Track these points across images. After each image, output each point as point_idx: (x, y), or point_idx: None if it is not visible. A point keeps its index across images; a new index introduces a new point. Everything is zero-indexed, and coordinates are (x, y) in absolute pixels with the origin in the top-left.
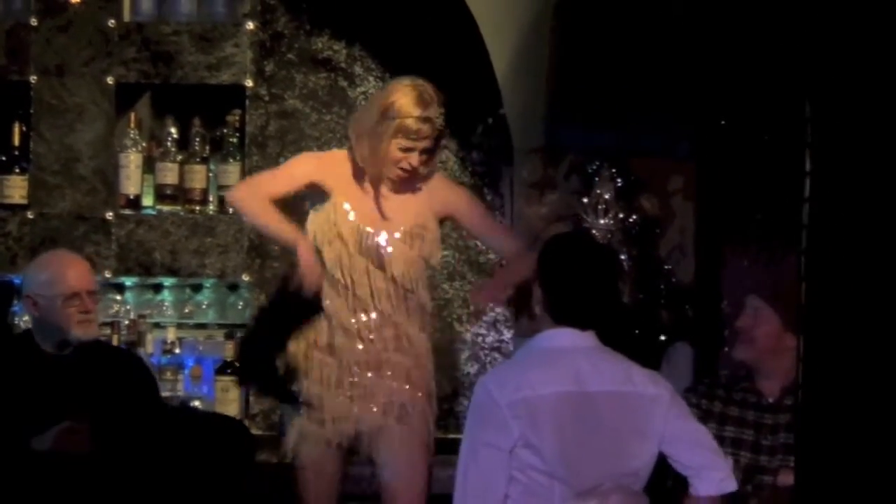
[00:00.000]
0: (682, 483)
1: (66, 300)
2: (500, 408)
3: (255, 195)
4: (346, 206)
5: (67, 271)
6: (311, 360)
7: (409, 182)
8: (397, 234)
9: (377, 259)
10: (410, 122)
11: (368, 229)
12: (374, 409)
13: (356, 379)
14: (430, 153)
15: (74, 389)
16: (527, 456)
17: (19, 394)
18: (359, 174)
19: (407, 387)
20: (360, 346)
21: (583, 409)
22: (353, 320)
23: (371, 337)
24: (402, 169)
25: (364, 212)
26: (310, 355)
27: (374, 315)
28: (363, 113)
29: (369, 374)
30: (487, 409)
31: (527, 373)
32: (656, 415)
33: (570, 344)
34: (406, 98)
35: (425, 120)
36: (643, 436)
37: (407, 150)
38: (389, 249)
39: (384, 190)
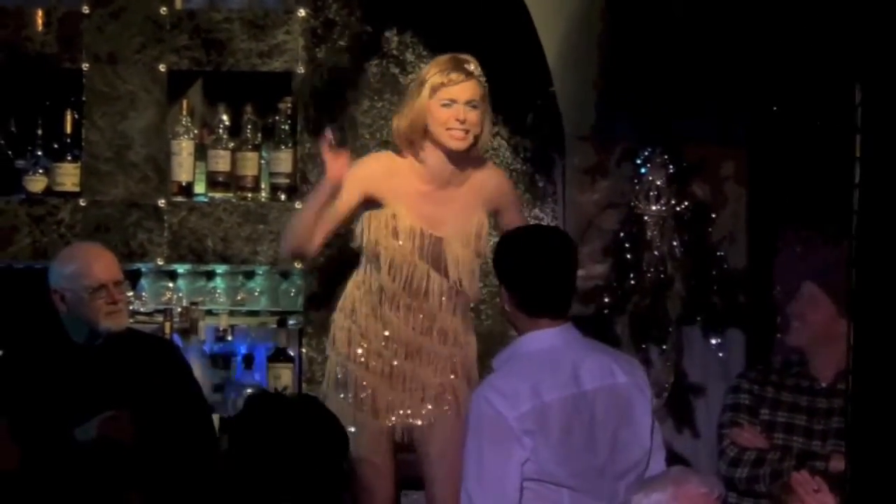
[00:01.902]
0: None
1: (93, 293)
2: (509, 423)
3: (310, 212)
4: (402, 210)
5: (93, 263)
6: (363, 351)
7: (465, 163)
8: (455, 235)
9: (435, 260)
10: (442, 77)
11: (426, 231)
12: (427, 401)
13: (407, 371)
14: (475, 108)
15: (108, 380)
16: (536, 468)
17: (54, 387)
18: (414, 173)
19: (452, 377)
20: (411, 340)
21: (583, 409)
22: (406, 319)
23: (421, 333)
24: (454, 130)
25: (421, 213)
26: (363, 345)
27: (424, 313)
28: (406, 100)
29: (420, 367)
30: (496, 425)
31: (528, 381)
32: (640, 402)
33: (557, 343)
34: (437, 61)
35: (457, 68)
36: (632, 424)
37: (449, 102)
38: (447, 250)
39: (439, 187)
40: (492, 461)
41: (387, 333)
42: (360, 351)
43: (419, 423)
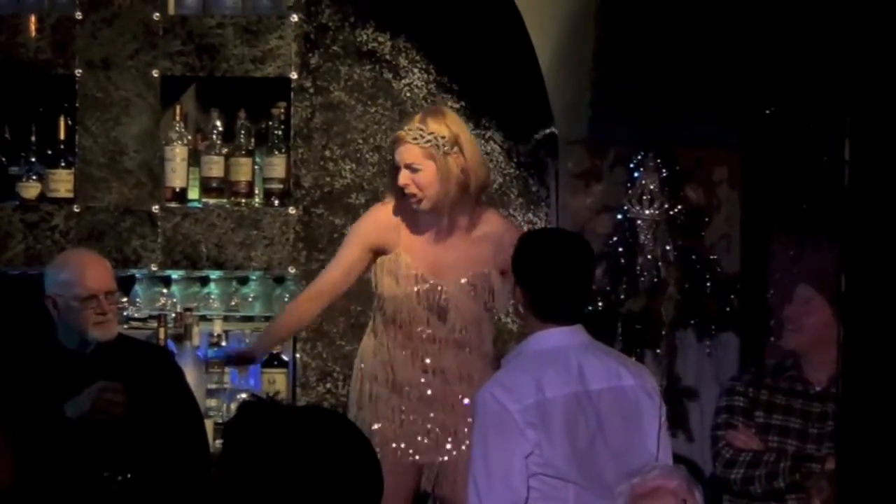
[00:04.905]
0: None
1: (82, 302)
2: (512, 416)
3: (309, 290)
4: (406, 256)
5: (85, 272)
6: (374, 396)
7: (466, 212)
8: (458, 284)
9: (437, 308)
10: (399, 135)
11: (428, 277)
12: (442, 439)
13: (420, 411)
14: (417, 171)
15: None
16: (541, 462)
17: (46, 393)
18: (416, 219)
19: (467, 414)
20: (419, 381)
21: (588, 408)
22: (411, 360)
23: (425, 372)
24: (409, 193)
25: (425, 259)
26: (372, 392)
27: (429, 356)
28: None
29: (433, 406)
30: (499, 418)
31: (531, 376)
32: (647, 406)
33: (565, 343)
34: (410, 119)
35: (409, 130)
36: (639, 427)
37: (404, 167)
38: (449, 299)
39: (443, 234)
40: (497, 454)
41: (394, 376)
42: (375, 391)
43: (437, 461)
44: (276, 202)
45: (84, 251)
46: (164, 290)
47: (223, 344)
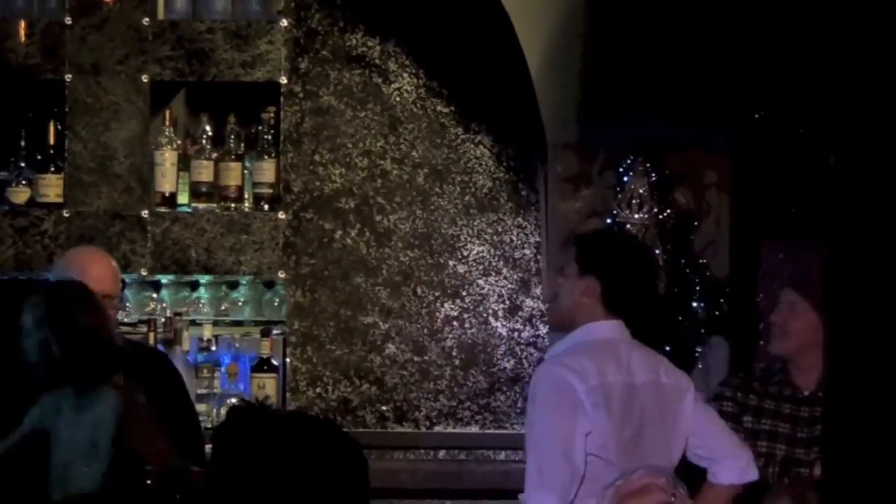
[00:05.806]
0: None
1: None
2: (578, 395)
3: None
4: None
5: (86, 273)
6: None
7: None
8: None
9: None
10: None
11: None
12: None
13: None
14: None
15: None
16: (597, 443)
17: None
18: None
19: None
20: None
21: (635, 399)
22: None
23: None
24: None
25: None
26: None
27: None
28: None
29: None
30: (565, 395)
31: (594, 361)
32: (683, 405)
33: (616, 335)
34: None
35: None
36: (674, 425)
37: None
38: None
39: None
40: (561, 429)
41: None
42: None
43: None
44: (266, 207)
45: (94, 252)
46: (154, 295)
47: (213, 348)
